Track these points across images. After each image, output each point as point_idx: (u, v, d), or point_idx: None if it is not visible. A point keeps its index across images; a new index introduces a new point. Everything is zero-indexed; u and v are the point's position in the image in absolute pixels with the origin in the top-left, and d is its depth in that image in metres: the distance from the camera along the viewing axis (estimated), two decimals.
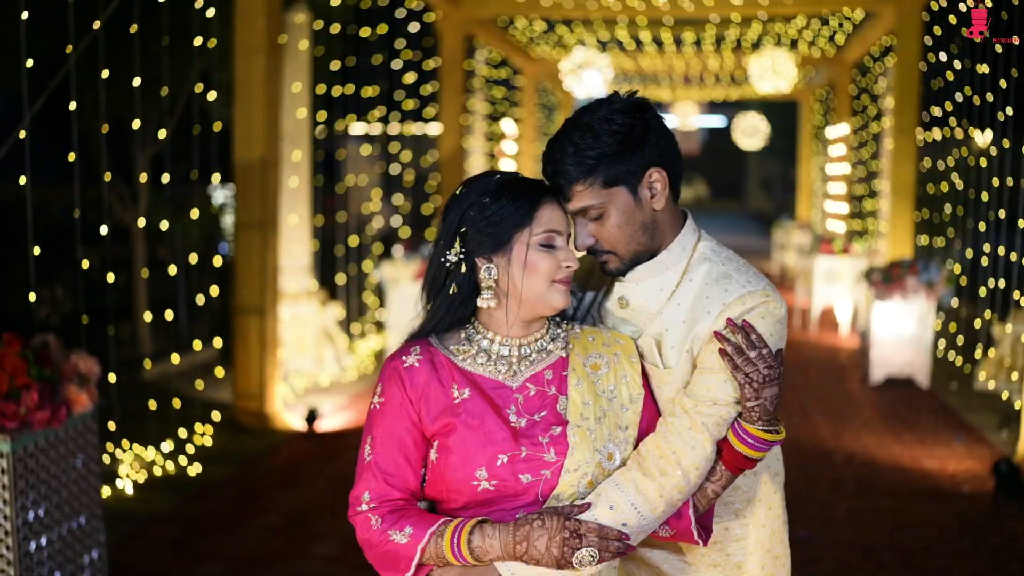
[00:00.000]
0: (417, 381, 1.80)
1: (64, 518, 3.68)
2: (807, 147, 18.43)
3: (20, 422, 3.44)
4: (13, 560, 3.44)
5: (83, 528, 3.79)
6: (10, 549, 3.43)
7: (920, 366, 8.05)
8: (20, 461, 3.44)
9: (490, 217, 1.79)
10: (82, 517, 3.77)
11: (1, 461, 3.39)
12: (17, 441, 3.41)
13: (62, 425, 3.60)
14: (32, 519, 3.51)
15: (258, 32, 6.49)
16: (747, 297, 1.82)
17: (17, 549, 3.44)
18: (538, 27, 12.74)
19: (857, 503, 5.22)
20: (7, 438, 3.37)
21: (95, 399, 3.74)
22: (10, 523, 3.42)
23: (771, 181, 35.30)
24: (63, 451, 3.66)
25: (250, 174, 6.55)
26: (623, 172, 1.85)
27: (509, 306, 1.82)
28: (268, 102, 6.56)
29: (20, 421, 3.44)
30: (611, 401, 1.83)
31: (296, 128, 8.25)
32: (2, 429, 3.40)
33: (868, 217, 12.58)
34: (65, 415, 3.57)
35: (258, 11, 6.47)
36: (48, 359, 3.59)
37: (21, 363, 3.47)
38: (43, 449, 3.55)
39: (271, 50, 6.56)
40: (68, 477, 3.69)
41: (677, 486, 1.77)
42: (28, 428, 3.46)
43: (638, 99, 1.89)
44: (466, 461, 1.74)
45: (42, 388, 3.49)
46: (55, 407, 3.51)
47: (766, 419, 1.79)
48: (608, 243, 1.89)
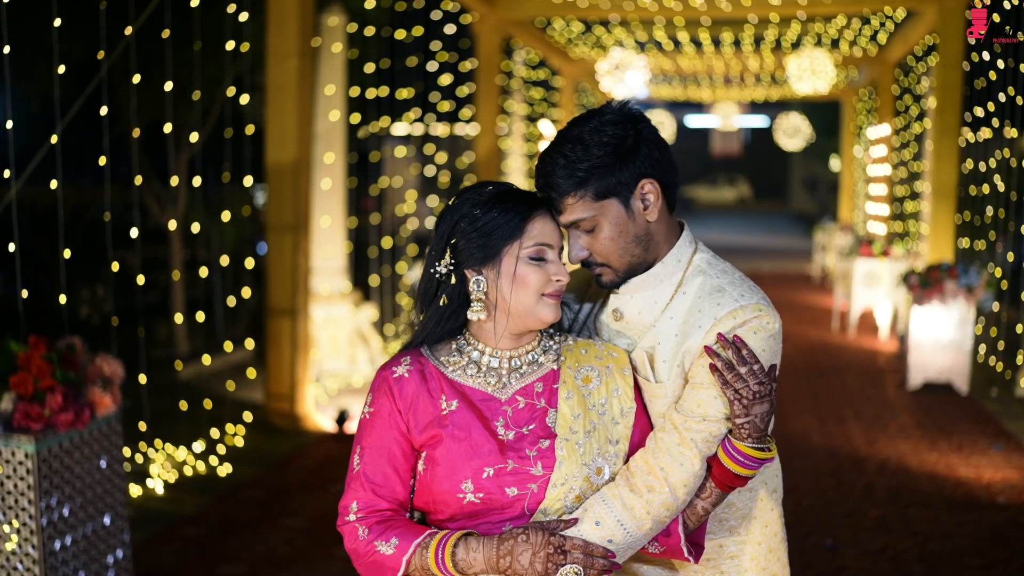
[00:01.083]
0: (406, 392, 1.80)
1: (88, 518, 3.73)
2: (850, 147, 18.20)
3: (45, 424, 3.50)
4: (38, 559, 3.50)
5: (108, 528, 3.84)
6: (36, 548, 3.49)
7: (959, 371, 7.91)
8: (45, 462, 3.50)
9: (480, 229, 1.78)
10: (107, 517, 3.83)
11: (26, 462, 3.45)
12: (42, 442, 3.46)
13: (86, 427, 3.65)
14: (57, 519, 3.56)
15: (290, 36, 6.54)
16: (739, 311, 1.79)
17: (42, 548, 3.50)
18: (576, 28, 12.70)
19: (887, 511, 5.13)
20: (32, 439, 3.43)
21: (119, 401, 3.79)
22: (35, 522, 3.48)
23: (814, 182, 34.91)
24: (88, 452, 3.71)
25: (282, 176, 6.60)
26: (614, 184, 1.82)
27: (498, 319, 1.81)
28: (300, 105, 6.61)
29: (45, 423, 3.49)
30: (602, 415, 1.81)
31: (330, 130, 8.30)
32: (27, 431, 3.46)
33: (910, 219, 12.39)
34: (89, 417, 3.62)
35: (290, 15, 6.52)
36: (73, 362, 3.65)
37: (46, 366, 3.53)
38: (67, 450, 3.61)
39: (303, 53, 6.61)
40: (92, 478, 3.75)
41: (665, 503, 1.74)
42: (53, 430, 3.52)
43: (631, 109, 1.87)
44: (452, 473, 1.74)
45: (66, 390, 3.54)
46: (79, 409, 3.57)
47: (756, 436, 1.75)
48: (601, 256, 1.87)
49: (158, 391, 6.64)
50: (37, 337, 3.60)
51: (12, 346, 3.62)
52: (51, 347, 3.63)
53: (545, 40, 13.29)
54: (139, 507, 5.07)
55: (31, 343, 3.57)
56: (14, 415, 3.48)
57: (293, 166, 6.58)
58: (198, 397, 6.58)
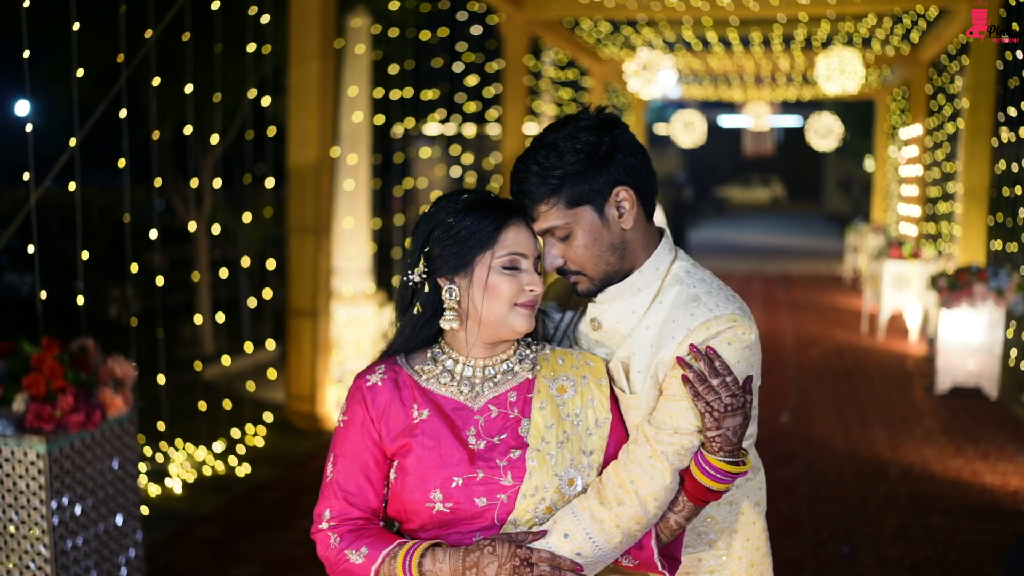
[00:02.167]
0: (379, 400, 1.79)
1: (100, 518, 3.76)
2: (883, 148, 17.99)
3: (56, 424, 3.53)
4: (50, 558, 3.54)
5: (120, 528, 3.87)
6: (47, 547, 3.52)
7: (988, 375, 7.79)
8: (56, 462, 3.53)
9: (454, 237, 1.77)
10: (119, 517, 3.86)
11: (38, 462, 3.49)
12: (53, 443, 3.50)
13: (97, 428, 3.68)
14: (68, 518, 3.60)
15: (312, 38, 6.56)
16: (712, 322, 1.75)
17: (54, 547, 3.53)
18: (604, 28, 12.65)
19: (908, 519, 5.06)
20: (43, 440, 3.46)
21: (131, 403, 3.82)
22: (46, 522, 3.51)
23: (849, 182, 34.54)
24: (100, 453, 3.74)
25: (303, 178, 6.63)
26: (588, 191, 1.79)
27: (469, 328, 1.79)
28: (322, 106, 6.63)
29: (56, 423, 3.53)
30: (576, 425, 1.79)
31: (354, 131, 8.32)
32: (39, 431, 3.50)
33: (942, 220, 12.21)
34: (100, 418, 3.65)
35: (312, 17, 6.54)
36: (85, 363, 3.68)
37: (58, 367, 3.57)
38: (79, 451, 3.64)
39: (324, 55, 6.63)
40: (104, 478, 3.78)
41: (634, 516, 1.71)
42: (64, 430, 3.55)
43: (607, 116, 1.84)
44: (421, 482, 1.73)
45: (77, 391, 3.58)
46: (90, 410, 3.60)
47: (728, 450, 1.71)
48: (576, 264, 1.84)
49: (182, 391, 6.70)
50: (50, 338, 3.64)
51: (26, 347, 3.66)
52: (64, 348, 3.67)
53: (574, 40, 13.24)
54: (157, 506, 5.11)
55: (44, 344, 3.61)
56: (26, 416, 3.52)
57: (314, 167, 6.61)
58: (220, 397, 6.63)
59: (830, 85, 10.94)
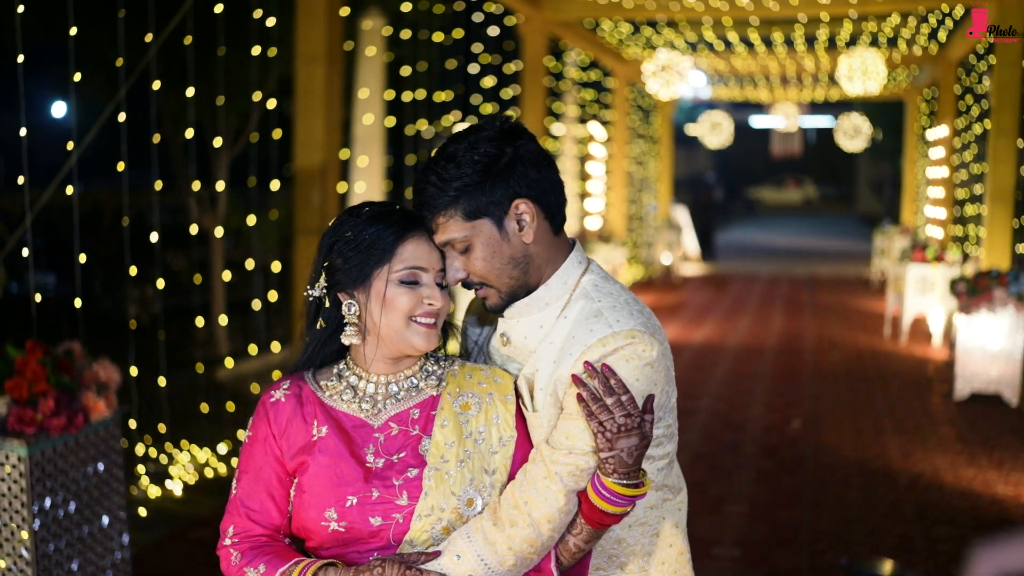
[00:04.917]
0: (280, 417, 1.76)
1: (85, 521, 3.77)
2: (912, 149, 17.74)
3: (37, 428, 3.54)
4: (31, 560, 3.55)
5: (105, 531, 3.87)
6: (28, 550, 3.53)
7: (1008, 382, 7.62)
8: (37, 465, 3.54)
9: (354, 250, 1.74)
10: (104, 520, 3.86)
11: (19, 465, 3.50)
12: (34, 446, 3.51)
13: (80, 431, 3.69)
14: (51, 521, 3.61)
15: (318, 40, 6.55)
16: (610, 339, 1.69)
17: (35, 550, 3.54)
18: (624, 29, 12.57)
19: (912, 529, 4.95)
20: (24, 443, 3.48)
21: (115, 406, 3.82)
22: (28, 525, 3.52)
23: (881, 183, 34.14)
24: (83, 456, 3.75)
25: (310, 180, 6.63)
26: (485, 203, 1.74)
27: (368, 342, 1.76)
28: (328, 109, 6.62)
29: (37, 427, 3.54)
30: (478, 443, 1.74)
31: (366, 133, 8.33)
32: (20, 435, 3.51)
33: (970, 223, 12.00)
34: (83, 422, 3.66)
35: (318, 19, 6.53)
36: (68, 367, 3.69)
37: (41, 370, 3.58)
38: (61, 454, 3.65)
39: (331, 57, 6.62)
40: (89, 482, 3.78)
41: (527, 538, 1.66)
42: (46, 434, 3.56)
43: (511, 126, 1.79)
44: (317, 500, 1.70)
45: (59, 395, 3.58)
46: (72, 414, 3.60)
47: (623, 472, 1.65)
48: (478, 276, 1.79)
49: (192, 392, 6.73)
50: (34, 342, 3.65)
51: (10, 351, 3.67)
52: (48, 352, 3.68)
53: (596, 41, 13.18)
54: (155, 508, 5.12)
55: (28, 348, 3.62)
56: (8, 419, 3.53)
57: (321, 170, 6.61)
58: (234, 398, 6.64)
59: (852, 86, 10.80)
